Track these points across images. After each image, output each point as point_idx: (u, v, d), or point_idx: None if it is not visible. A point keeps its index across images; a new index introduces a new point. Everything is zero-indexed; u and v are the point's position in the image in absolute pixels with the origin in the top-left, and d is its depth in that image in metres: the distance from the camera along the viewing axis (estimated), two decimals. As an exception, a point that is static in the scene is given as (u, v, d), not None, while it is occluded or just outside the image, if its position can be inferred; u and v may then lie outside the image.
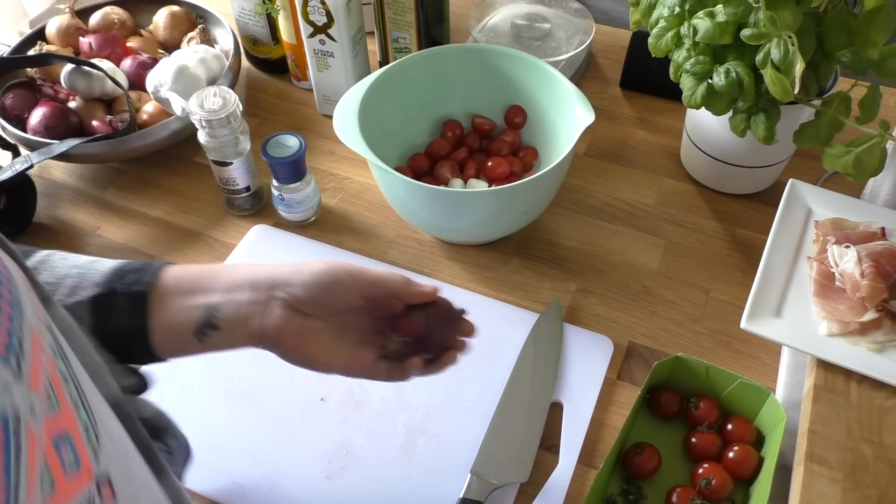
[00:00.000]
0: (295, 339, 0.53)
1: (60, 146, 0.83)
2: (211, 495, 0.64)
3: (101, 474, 0.32)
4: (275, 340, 0.53)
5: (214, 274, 0.53)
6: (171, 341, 0.53)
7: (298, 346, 0.53)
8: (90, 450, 0.32)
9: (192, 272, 0.53)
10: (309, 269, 0.53)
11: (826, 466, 0.56)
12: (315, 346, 0.53)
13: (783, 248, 0.69)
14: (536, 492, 0.63)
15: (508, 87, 0.86)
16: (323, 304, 0.52)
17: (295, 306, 0.52)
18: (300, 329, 0.52)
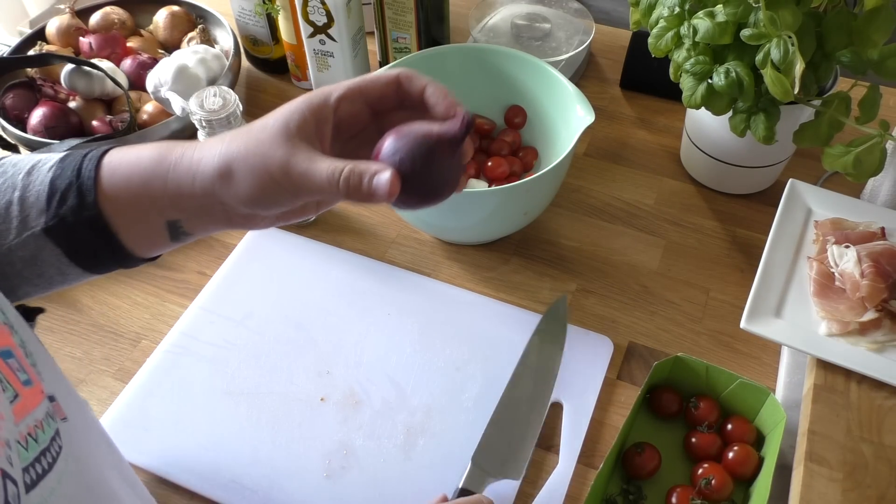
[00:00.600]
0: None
1: (60, 146, 0.83)
2: (211, 495, 0.64)
3: (49, 393, 0.35)
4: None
5: (167, 180, 0.45)
6: (147, 248, 0.48)
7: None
8: (34, 368, 0.34)
9: (137, 175, 0.45)
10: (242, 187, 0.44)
11: (826, 466, 0.56)
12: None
13: (783, 248, 0.69)
14: (536, 492, 0.63)
15: (508, 87, 0.86)
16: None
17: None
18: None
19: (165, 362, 0.72)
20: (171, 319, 0.77)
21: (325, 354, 0.73)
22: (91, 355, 0.75)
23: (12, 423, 0.30)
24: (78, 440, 0.36)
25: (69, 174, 0.45)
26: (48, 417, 0.33)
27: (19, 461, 0.29)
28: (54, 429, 0.33)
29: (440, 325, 0.74)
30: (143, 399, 0.70)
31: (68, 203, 0.44)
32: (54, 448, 0.32)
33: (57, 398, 0.36)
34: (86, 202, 0.44)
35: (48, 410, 0.33)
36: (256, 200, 0.45)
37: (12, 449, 0.29)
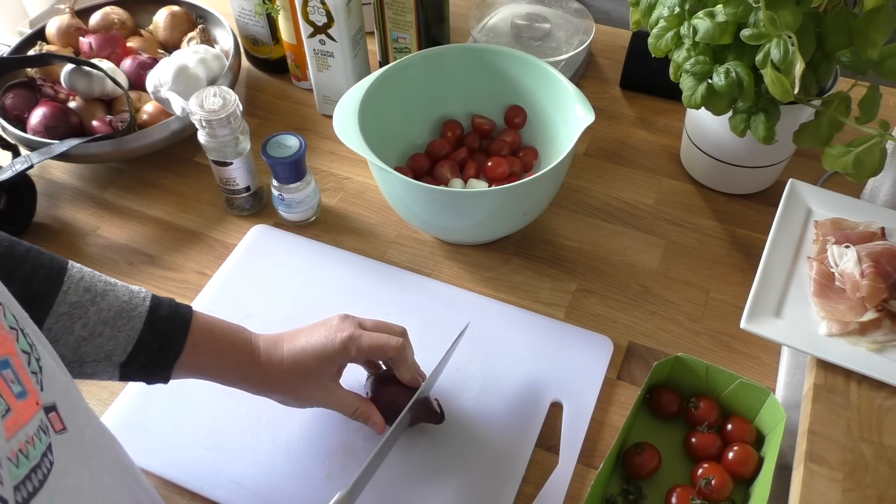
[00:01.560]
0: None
1: (60, 146, 0.83)
2: (211, 495, 0.64)
3: (48, 403, 0.34)
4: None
5: (226, 375, 0.60)
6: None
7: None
8: (33, 377, 0.34)
9: (212, 364, 0.58)
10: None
11: (826, 466, 0.56)
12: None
13: (783, 247, 0.69)
14: (536, 492, 0.63)
15: (508, 87, 0.86)
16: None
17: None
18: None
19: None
20: (171, 319, 0.77)
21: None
22: (91, 355, 0.75)
23: (3, 440, 0.29)
24: (76, 453, 0.36)
25: (159, 337, 0.54)
26: (40, 431, 0.32)
27: (10, 479, 0.29)
28: (46, 444, 0.33)
29: (440, 325, 0.74)
30: (143, 399, 0.70)
31: (151, 359, 0.54)
32: (45, 464, 0.32)
33: (58, 407, 0.35)
34: (167, 365, 0.55)
35: (41, 424, 0.33)
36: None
37: (3, 467, 0.28)
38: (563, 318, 0.76)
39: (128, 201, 0.90)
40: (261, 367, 0.59)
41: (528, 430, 0.67)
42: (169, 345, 0.55)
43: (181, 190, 0.90)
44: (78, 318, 0.51)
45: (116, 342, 0.53)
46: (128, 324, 0.53)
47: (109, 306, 0.53)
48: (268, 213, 0.87)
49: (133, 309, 0.53)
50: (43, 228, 0.87)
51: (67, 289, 0.51)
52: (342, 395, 0.62)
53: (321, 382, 0.60)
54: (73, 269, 0.53)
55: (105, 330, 0.52)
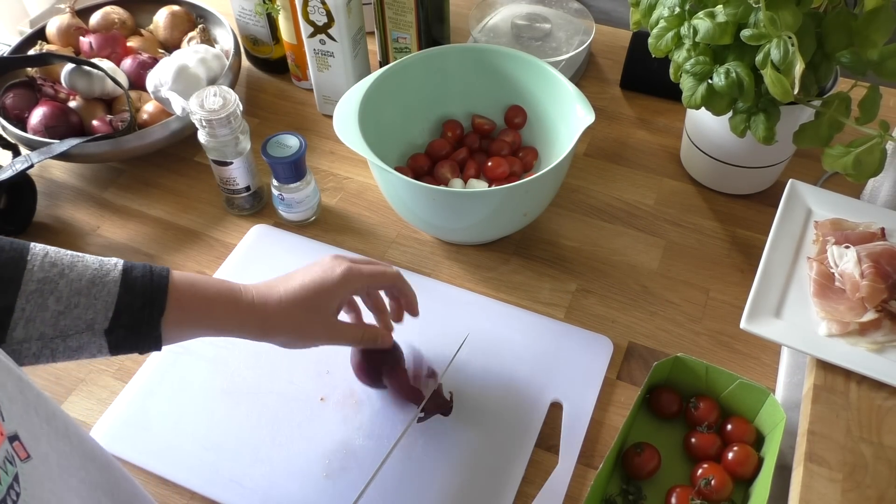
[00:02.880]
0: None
1: (61, 146, 0.83)
2: (211, 495, 0.64)
3: (10, 433, 0.34)
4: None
5: (221, 324, 0.57)
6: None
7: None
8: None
9: (201, 316, 0.56)
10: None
11: (825, 467, 0.56)
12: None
13: (783, 248, 0.69)
14: (536, 492, 0.63)
15: (508, 87, 0.86)
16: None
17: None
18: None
19: (165, 362, 0.72)
20: (171, 319, 0.77)
21: (324, 354, 0.72)
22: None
23: None
24: (44, 480, 0.35)
25: (139, 297, 0.53)
26: (6, 462, 0.32)
27: None
28: (13, 475, 0.32)
29: (440, 326, 0.74)
30: (142, 399, 0.70)
31: (135, 320, 0.53)
32: (12, 496, 0.31)
33: (20, 436, 0.34)
34: (152, 324, 0.53)
35: (6, 454, 0.32)
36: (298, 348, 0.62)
37: None
38: (562, 319, 0.76)
39: (128, 201, 0.90)
40: (257, 310, 0.58)
41: (528, 430, 0.67)
42: (150, 303, 0.53)
43: (181, 190, 0.90)
44: (49, 294, 0.50)
45: (95, 310, 0.51)
46: (103, 290, 0.52)
47: (80, 276, 0.51)
48: (268, 212, 0.87)
49: (105, 275, 0.52)
50: (43, 228, 0.87)
51: (32, 267, 0.50)
52: (345, 327, 0.62)
53: (324, 317, 0.60)
54: (35, 248, 0.52)
55: (80, 300, 0.51)
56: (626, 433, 0.64)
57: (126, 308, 0.52)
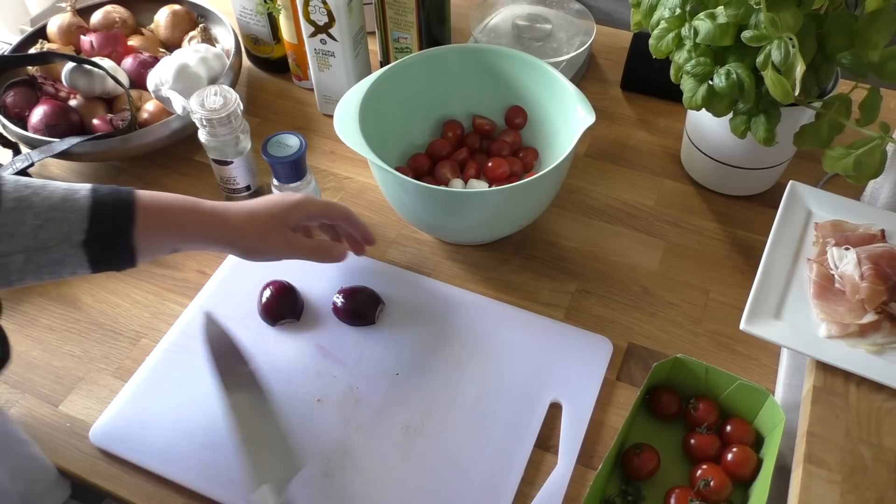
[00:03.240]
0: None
1: (61, 144, 0.83)
2: (210, 494, 0.64)
3: None
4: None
5: (187, 231, 0.62)
6: (148, 261, 0.62)
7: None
8: None
9: (168, 224, 0.61)
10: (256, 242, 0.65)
11: (825, 468, 0.56)
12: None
13: (783, 249, 0.69)
14: (535, 492, 0.63)
15: (509, 87, 0.86)
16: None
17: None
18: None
19: (165, 361, 0.72)
20: (170, 318, 0.77)
21: (324, 353, 0.73)
22: (90, 353, 0.75)
23: None
24: None
25: (109, 208, 0.57)
26: None
27: None
28: None
29: (440, 326, 0.74)
30: (142, 398, 0.70)
31: (108, 231, 0.56)
32: None
33: None
34: (126, 234, 0.57)
35: None
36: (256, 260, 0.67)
37: None
38: (562, 319, 0.76)
39: (128, 200, 0.89)
40: (218, 216, 0.63)
41: (527, 431, 0.67)
42: (120, 212, 0.57)
43: (181, 189, 0.90)
44: (27, 209, 0.54)
45: (70, 222, 0.55)
46: (76, 204, 0.55)
47: (52, 193, 0.55)
48: (268, 212, 0.87)
49: (76, 192, 0.56)
50: (43, 226, 0.87)
51: (8, 188, 0.54)
52: (302, 239, 0.67)
53: (282, 228, 0.65)
54: (5, 175, 0.56)
55: (56, 214, 0.54)
56: (626, 434, 0.64)
57: (98, 218, 0.56)
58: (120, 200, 0.57)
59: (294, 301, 0.75)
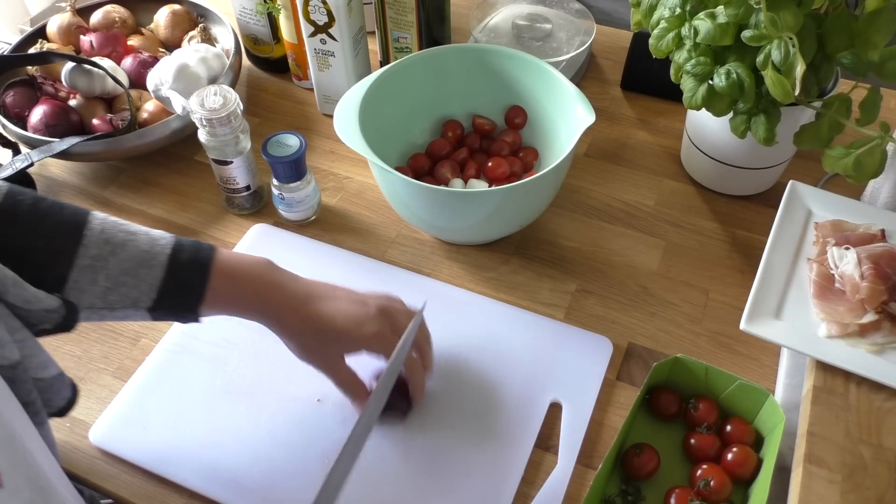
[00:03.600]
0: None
1: (61, 144, 0.83)
2: (210, 494, 0.64)
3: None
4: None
5: (254, 309, 0.60)
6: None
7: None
8: None
9: (236, 300, 0.59)
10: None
11: (825, 468, 0.56)
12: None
13: (783, 249, 0.69)
14: (535, 492, 0.63)
15: (509, 87, 0.86)
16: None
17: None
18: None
19: (165, 361, 0.72)
20: (170, 318, 0.77)
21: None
22: (90, 353, 0.75)
23: None
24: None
25: (181, 285, 0.56)
26: None
27: None
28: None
29: (439, 326, 0.74)
30: (142, 398, 0.70)
31: (175, 304, 0.56)
32: None
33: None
34: (192, 309, 0.57)
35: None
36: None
37: None
38: (562, 319, 0.76)
39: (128, 200, 0.90)
40: (281, 315, 0.60)
41: (527, 431, 0.67)
42: (190, 291, 0.56)
43: (181, 189, 0.90)
44: (100, 270, 0.53)
45: (140, 290, 0.55)
46: (149, 273, 0.55)
47: (129, 257, 0.54)
48: (268, 212, 0.87)
49: (153, 258, 0.55)
50: (43, 226, 0.87)
51: (87, 242, 0.53)
52: (341, 371, 0.63)
53: (329, 354, 0.62)
54: (93, 221, 0.54)
55: (128, 280, 0.54)
56: (626, 434, 0.64)
57: (168, 293, 0.56)
58: (193, 277, 0.56)
59: None
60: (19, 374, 0.50)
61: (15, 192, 0.53)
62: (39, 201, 0.53)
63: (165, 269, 0.55)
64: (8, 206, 0.52)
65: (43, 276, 0.52)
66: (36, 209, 0.53)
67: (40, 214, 0.53)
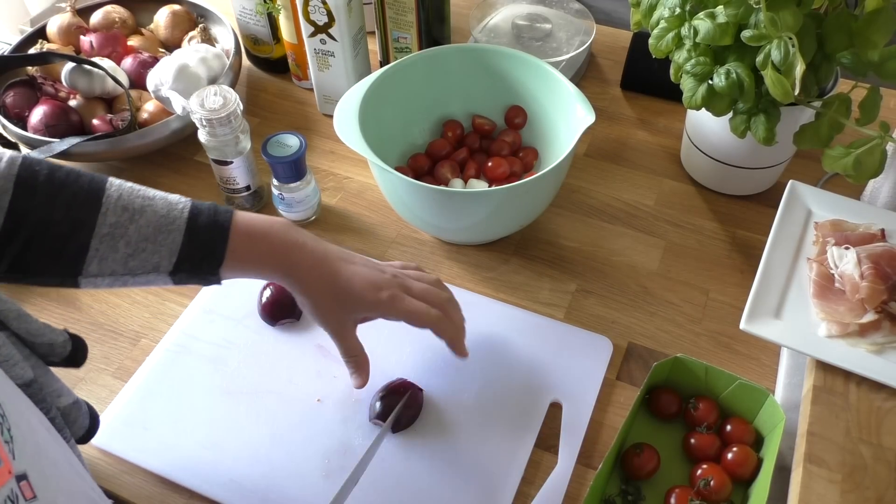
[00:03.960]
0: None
1: (61, 145, 0.83)
2: (210, 494, 0.64)
3: (19, 472, 0.35)
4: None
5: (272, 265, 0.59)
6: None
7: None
8: (6, 446, 0.34)
9: (254, 259, 0.58)
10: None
11: (825, 468, 0.56)
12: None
13: (783, 249, 0.69)
14: (535, 492, 0.63)
15: (509, 87, 0.86)
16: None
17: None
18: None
19: (165, 361, 0.72)
20: (170, 318, 0.77)
21: (324, 353, 0.73)
22: (90, 354, 0.74)
23: None
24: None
25: (200, 248, 0.55)
26: (8, 501, 0.33)
27: None
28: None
29: (440, 325, 0.74)
30: (142, 398, 0.70)
31: (195, 267, 0.56)
32: None
33: (29, 475, 0.36)
34: (212, 271, 0.56)
35: (10, 493, 0.33)
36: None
37: None
38: (562, 319, 0.76)
39: (128, 200, 0.89)
40: (300, 272, 0.59)
41: (528, 431, 0.67)
42: (210, 254, 0.56)
43: (181, 189, 0.90)
44: (120, 238, 0.53)
45: (160, 255, 0.54)
46: (168, 237, 0.55)
47: (148, 223, 0.54)
48: (268, 212, 0.87)
49: (171, 223, 0.55)
50: (43, 227, 0.87)
51: (106, 210, 0.53)
52: (351, 338, 0.63)
53: (343, 318, 0.62)
54: (110, 188, 0.55)
55: (147, 246, 0.54)
56: (626, 433, 0.64)
57: (188, 258, 0.55)
58: (212, 239, 0.56)
59: (294, 301, 0.75)
60: (35, 392, 0.50)
61: (32, 162, 0.52)
62: (56, 171, 0.53)
63: (184, 233, 0.55)
64: (27, 177, 0.51)
65: (64, 246, 0.52)
66: (53, 179, 0.52)
67: (57, 184, 0.52)
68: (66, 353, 0.57)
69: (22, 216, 0.50)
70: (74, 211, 0.52)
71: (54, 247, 0.51)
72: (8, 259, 0.51)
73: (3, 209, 0.49)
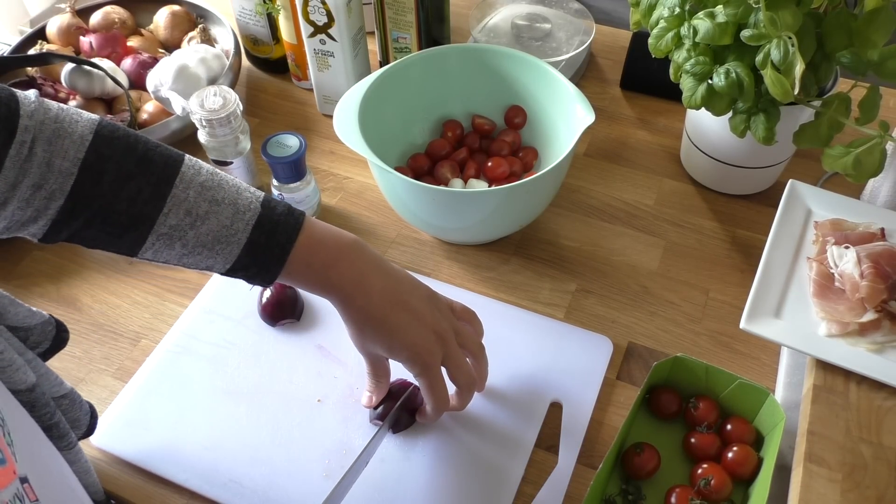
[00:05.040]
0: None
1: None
2: (210, 494, 0.64)
3: (21, 474, 0.35)
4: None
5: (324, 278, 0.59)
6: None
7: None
8: (10, 447, 0.34)
9: (302, 282, 0.58)
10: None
11: (825, 467, 0.56)
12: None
13: (783, 248, 0.69)
14: (536, 491, 0.63)
15: (508, 87, 0.86)
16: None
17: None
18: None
19: (165, 361, 0.72)
20: (171, 319, 0.77)
21: (324, 354, 0.73)
22: (90, 354, 0.75)
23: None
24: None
25: (256, 263, 0.56)
26: (16, 499, 0.33)
27: None
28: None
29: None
30: (142, 398, 0.70)
31: (248, 276, 0.56)
32: None
33: (30, 479, 0.36)
34: (264, 282, 0.57)
35: (17, 492, 0.33)
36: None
37: None
38: (562, 319, 0.76)
39: (128, 200, 0.90)
40: (351, 308, 0.59)
41: (528, 430, 0.67)
42: (265, 270, 0.56)
43: (181, 189, 0.90)
44: (177, 239, 0.53)
45: (215, 261, 0.55)
46: (226, 248, 0.54)
47: (209, 231, 0.53)
48: (268, 212, 0.87)
49: (233, 235, 0.54)
50: (43, 227, 0.87)
51: (168, 211, 0.52)
52: (382, 367, 0.65)
53: (379, 353, 0.62)
54: (177, 187, 0.53)
55: (203, 251, 0.54)
56: (626, 433, 0.65)
57: (243, 268, 0.56)
58: (270, 258, 0.55)
59: (294, 301, 0.75)
60: (38, 397, 0.50)
61: (101, 143, 0.51)
62: (127, 155, 0.52)
63: (243, 247, 0.55)
64: (93, 162, 0.50)
65: (122, 234, 0.52)
66: (121, 169, 0.51)
67: (125, 176, 0.51)
68: (53, 333, 0.57)
69: (85, 200, 0.50)
70: (138, 206, 0.51)
71: (114, 232, 0.52)
72: (68, 232, 0.51)
73: (64, 192, 0.49)
